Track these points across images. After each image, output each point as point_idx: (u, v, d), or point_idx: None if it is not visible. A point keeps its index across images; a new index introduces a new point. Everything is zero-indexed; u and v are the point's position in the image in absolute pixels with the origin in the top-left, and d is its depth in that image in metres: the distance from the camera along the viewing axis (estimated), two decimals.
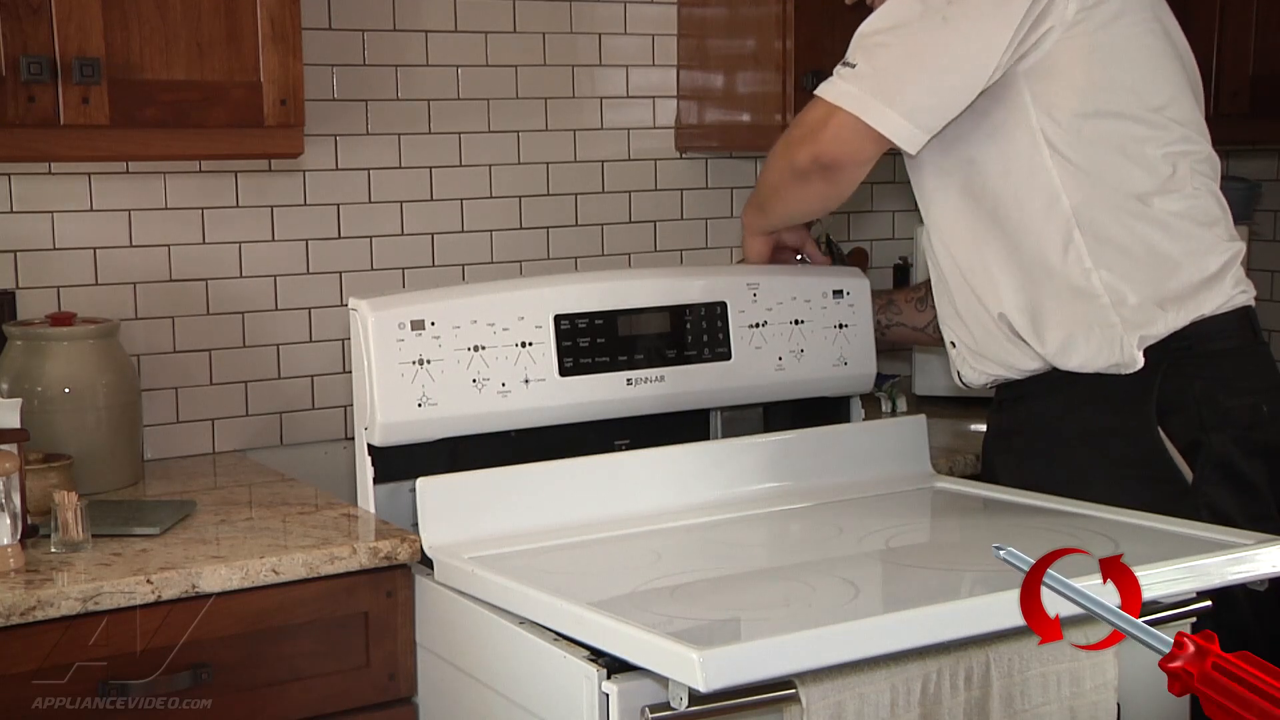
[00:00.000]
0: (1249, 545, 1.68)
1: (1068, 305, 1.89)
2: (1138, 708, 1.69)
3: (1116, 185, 1.88)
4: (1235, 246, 1.95)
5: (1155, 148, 1.90)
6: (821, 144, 1.91)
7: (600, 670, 1.48)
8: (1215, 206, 1.95)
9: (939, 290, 2.08)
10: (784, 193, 2.04)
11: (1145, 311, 1.88)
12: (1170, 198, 1.90)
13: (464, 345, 1.93)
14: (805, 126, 1.95)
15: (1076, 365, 1.90)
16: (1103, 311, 1.88)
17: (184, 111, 1.99)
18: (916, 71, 1.85)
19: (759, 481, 2.03)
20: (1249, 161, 3.13)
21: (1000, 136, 1.90)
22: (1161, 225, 1.89)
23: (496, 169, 2.61)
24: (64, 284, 2.27)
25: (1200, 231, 1.92)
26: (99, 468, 2.09)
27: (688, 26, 2.73)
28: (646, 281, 2.10)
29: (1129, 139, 1.89)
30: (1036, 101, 1.87)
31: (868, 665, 1.48)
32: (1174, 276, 1.90)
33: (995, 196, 1.92)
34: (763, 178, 2.12)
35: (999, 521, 1.93)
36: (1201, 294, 1.91)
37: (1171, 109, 1.92)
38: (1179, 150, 1.92)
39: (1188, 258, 1.90)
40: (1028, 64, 1.86)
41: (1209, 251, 1.92)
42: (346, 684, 1.84)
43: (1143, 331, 1.88)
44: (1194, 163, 1.93)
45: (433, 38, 2.53)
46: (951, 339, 2.07)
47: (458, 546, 1.79)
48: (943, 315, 2.09)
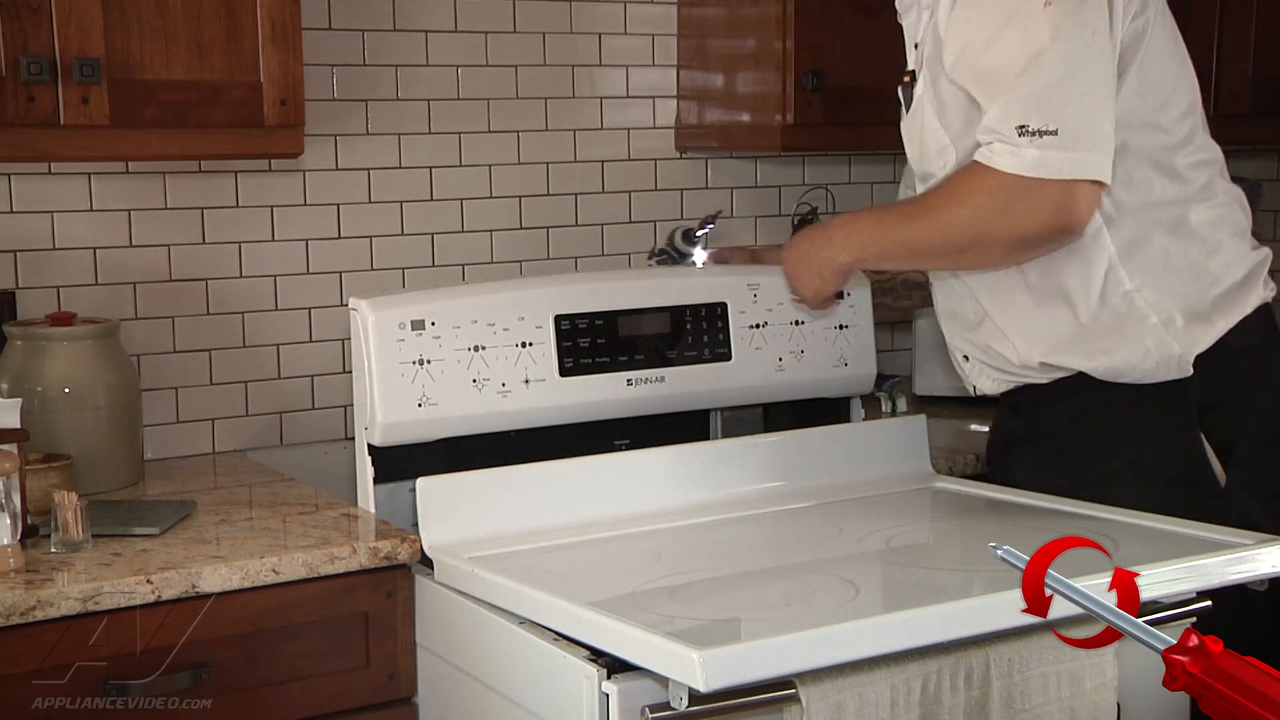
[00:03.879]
0: (1249, 545, 1.68)
1: (1115, 332, 1.88)
2: (1138, 708, 1.69)
3: (1153, 200, 1.87)
4: (1263, 252, 1.96)
5: (1184, 157, 1.88)
6: (1067, 230, 1.78)
7: (600, 670, 1.48)
8: (1242, 215, 1.95)
9: (945, 309, 2.05)
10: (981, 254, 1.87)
11: (1195, 327, 1.88)
12: (1202, 208, 1.89)
13: (464, 345, 1.93)
14: (1040, 226, 1.78)
15: (1133, 380, 1.89)
16: (1154, 331, 1.87)
17: (184, 111, 1.99)
18: (1096, 104, 1.75)
19: (759, 481, 2.03)
20: (1249, 161, 3.13)
21: None
22: (1199, 239, 1.89)
23: (496, 169, 2.61)
24: (64, 284, 2.27)
25: (1234, 242, 1.92)
26: (99, 468, 2.09)
27: (688, 26, 2.73)
28: (647, 281, 2.10)
29: (1160, 149, 1.87)
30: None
31: (868, 665, 1.48)
32: (1213, 287, 1.90)
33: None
34: (931, 235, 1.87)
35: (999, 522, 1.93)
36: (1238, 298, 1.91)
37: (1191, 115, 1.91)
38: (1203, 159, 1.91)
39: (1225, 269, 1.91)
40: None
41: (1242, 260, 1.93)
42: (346, 684, 1.85)
43: (1198, 347, 1.88)
44: (1218, 170, 1.93)
45: (433, 38, 2.53)
46: (964, 353, 2.05)
47: (458, 546, 1.79)
48: (949, 332, 2.06)
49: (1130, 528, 1.80)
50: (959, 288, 2.01)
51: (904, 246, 1.92)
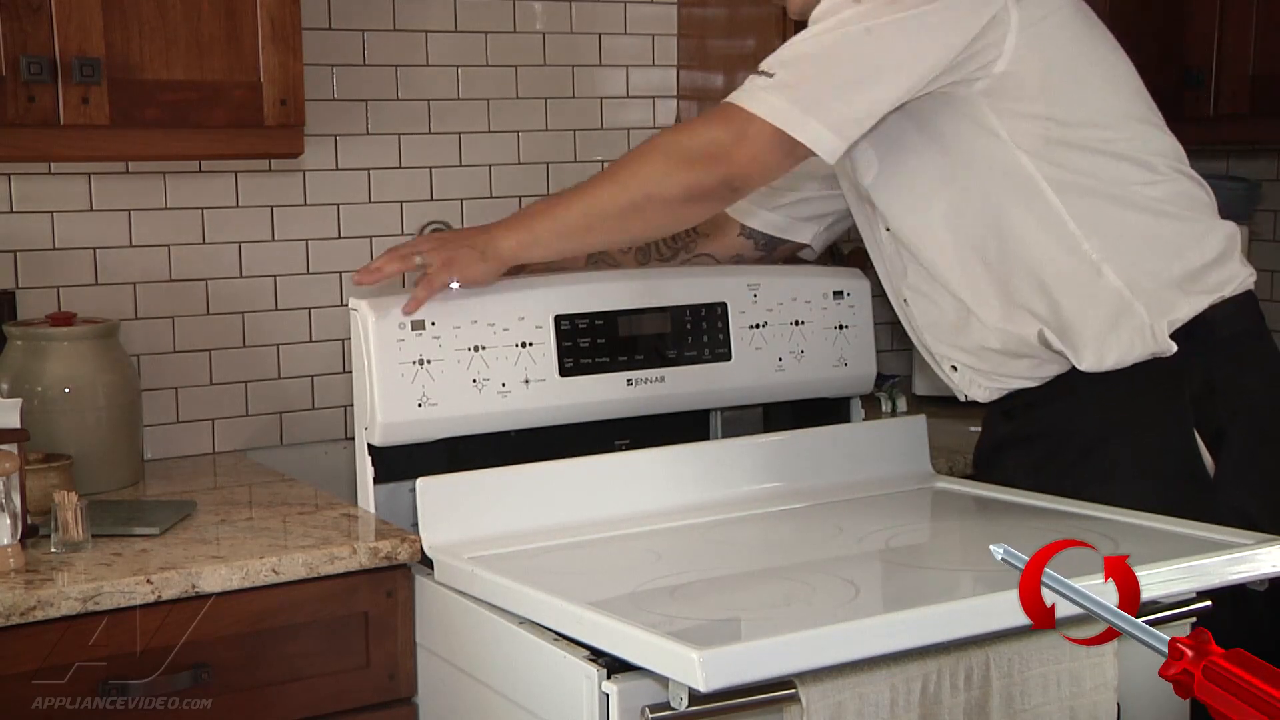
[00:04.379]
0: (1249, 545, 1.68)
1: (1089, 307, 1.88)
2: (1138, 708, 1.69)
3: (1102, 179, 1.88)
4: (1229, 225, 1.95)
5: (1127, 147, 1.90)
6: (736, 163, 1.81)
7: (600, 670, 1.48)
8: (1198, 189, 1.95)
9: (925, 321, 2.04)
10: (652, 214, 1.87)
11: (1165, 295, 1.88)
12: (1153, 187, 1.90)
13: (464, 345, 1.93)
14: (708, 142, 1.82)
15: (1113, 363, 1.88)
16: (1125, 302, 1.87)
17: (184, 111, 1.99)
18: (839, 81, 1.80)
19: (759, 481, 2.03)
20: (1249, 161, 3.13)
21: (976, 164, 1.88)
22: (1152, 211, 1.89)
23: (496, 169, 2.61)
24: (64, 284, 2.27)
25: (1191, 215, 1.92)
26: (99, 468, 2.09)
27: (688, 26, 2.73)
28: (647, 282, 2.10)
29: (1101, 141, 1.88)
30: (1004, 122, 1.85)
31: (868, 665, 1.48)
32: (1179, 259, 1.89)
33: (986, 223, 1.90)
34: (602, 195, 1.87)
35: (999, 522, 1.93)
36: (1214, 275, 1.91)
37: (1131, 107, 1.92)
38: (1151, 148, 1.92)
39: (1188, 240, 1.91)
40: (980, 86, 1.84)
41: (1207, 233, 1.92)
42: (346, 684, 1.85)
43: (1170, 316, 1.87)
44: (1167, 159, 1.93)
45: (433, 38, 2.53)
46: (952, 364, 2.04)
47: (458, 546, 1.79)
48: (933, 344, 2.05)
49: (1130, 528, 1.80)
50: (932, 292, 2.00)
51: (579, 214, 1.87)
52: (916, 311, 2.05)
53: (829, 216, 2.28)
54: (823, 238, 2.31)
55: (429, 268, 1.89)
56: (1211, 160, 3.01)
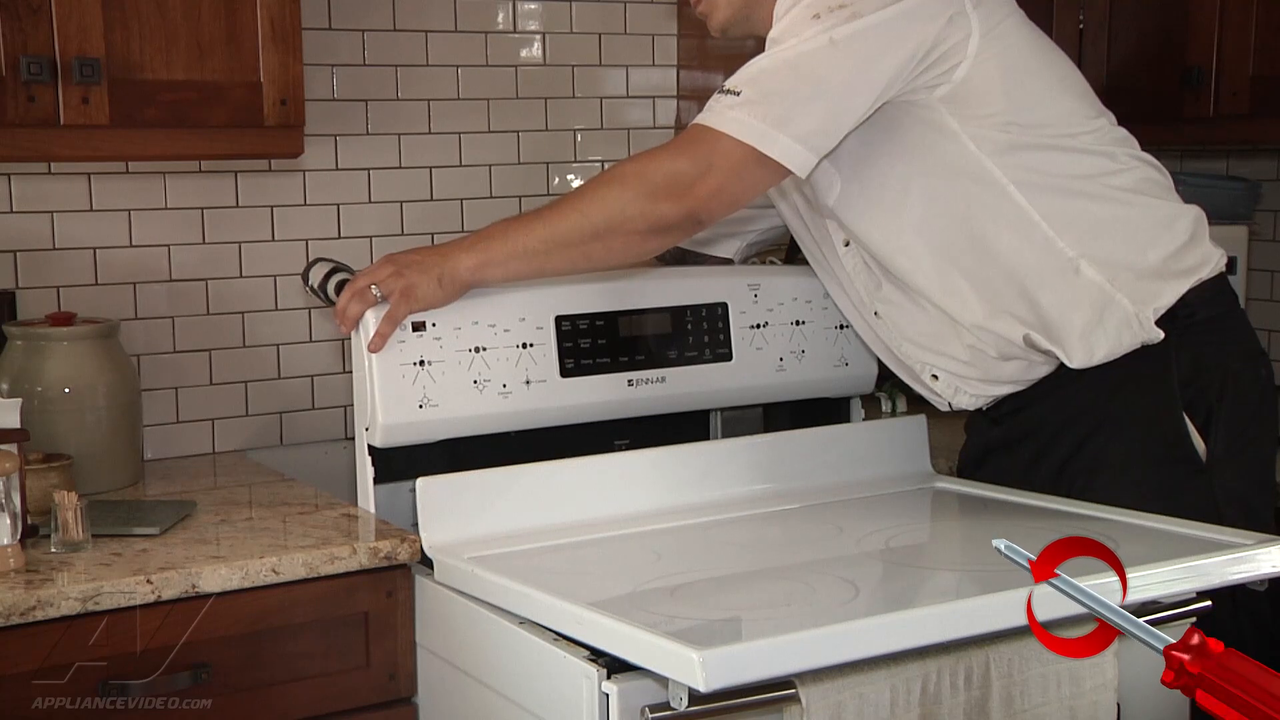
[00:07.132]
0: (1249, 545, 1.68)
1: (1072, 305, 1.88)
2: (1138, 708, 1.69)
3: (1068, 175, 1.88)
4: (1194, 208, 1.96)
5: (1088, 140, 1.91)
6: (698, 197, 1.79)
7: (600, 670, 1.48)
8: (1157, 173, 1.96)
9: (903, 332, 2.02)
10: (614, 244, 1.83)
11: (1146, 284, 1.88)
12: (1118, 176, 1.91)
13: (465, 346, 1.93)
14: (673, 174, 1.80)
15: (1104, 357, 1.88)
16: (1107, 295, 1.87)
17: (184, 111, 1.99)
18: (806, 93, 1.78)
19: (759, 481, 2.03)
20: (1249, 161, 3.13)
21: (941, 172, 1.87)
22: (1121, 201, 1.90)
23: (496, 169, 2.61)
24: (64, 284, 2.27)
25: (1158, 199, 1.93)
26: (99, 468, 2.09)
27: (688, 26, 2.73)
28: (647, 282, 2.10)
29: (1062, 138, 1.89)
30: (965, 128, 1.85)
31: (868, 665, 1.48)
32: (1154, 245, 1.90)
33: (958, 231, 1.90)
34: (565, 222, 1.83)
35: (999, 522, 1.93)
36: (1189, 258, 1.91)
37: (1081, 106, 1.93)
38: (1110, 138, 1.93)
39: (1159, 225, 1.91)
40: (941, 93, 1.84)
41: (1176, 216, 1.93)
42: (346, 684, 1.85)
43: (1154, 304, 1.87)
44: (1124, 147, 1.94)
45: (433, 38, 2.53)
46: (933, 372, 2.02)
47: (458, 546, 1.79)
48: (913, 352, 2.03)
49: (1130, 528, 1.80)
50: (907, 302, 1.98)
51: (539, 239, 1.83)
52: (892, 323, 2.03)
53: (752, 233, 2.30)
54: (744, 252, 2.33)
55: (390, 297, 1.86)
56: (1211, 160, 3.01)
